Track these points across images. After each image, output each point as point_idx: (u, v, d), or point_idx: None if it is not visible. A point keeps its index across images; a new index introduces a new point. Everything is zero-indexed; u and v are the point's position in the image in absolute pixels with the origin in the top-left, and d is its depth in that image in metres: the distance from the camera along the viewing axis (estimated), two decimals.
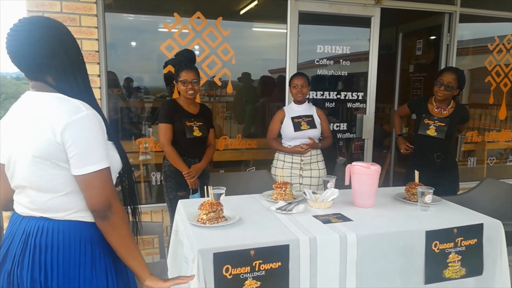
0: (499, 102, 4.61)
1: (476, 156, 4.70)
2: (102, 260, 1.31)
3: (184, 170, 2.82)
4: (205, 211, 1.92)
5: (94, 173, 1.22)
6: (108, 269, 1.33)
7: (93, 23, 3.05)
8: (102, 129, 1.27)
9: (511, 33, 4.47)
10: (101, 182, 1.24)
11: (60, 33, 1.28)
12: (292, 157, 3.11)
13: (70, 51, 1.30)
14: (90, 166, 1.22)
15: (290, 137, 3.12)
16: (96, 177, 1.23)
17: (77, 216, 1.29)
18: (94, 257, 1.29)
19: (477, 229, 2.03)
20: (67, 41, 1.30)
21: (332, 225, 1.95)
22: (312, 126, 3.12)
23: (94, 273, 1.29)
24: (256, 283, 1.68)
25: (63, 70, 1.28)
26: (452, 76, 2.95)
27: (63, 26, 1.31)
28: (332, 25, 4.08)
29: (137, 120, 3.77)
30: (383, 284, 1.89)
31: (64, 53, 1.27)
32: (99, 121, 1.27)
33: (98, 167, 1.23)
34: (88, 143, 1.21)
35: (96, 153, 1.23)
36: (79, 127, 1.20)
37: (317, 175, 3.12)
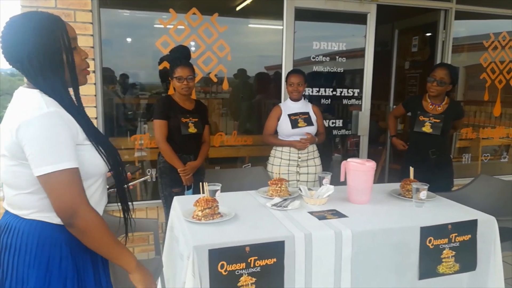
0: (494, 99, 4.63)
1: (470, 153, 4.72)
2: (62, 265, 1.25)
3: (179, 167, 2.82)
4: (200, 207, 1.91)
5: (51, 174, 1.15)
6: (69, 275, 1.26)
7: (88, 19, 3.03)
8: (69, 129, 1.20)
9: (506, 30, 4.48)
10: (59, 185, 1.16)
11: (23, 35, 1.21)
12: (290, 154, 3.11)
13: (33, 53, 1.21)
14: (46, 167, 1.15)
15: (287, 134, 3.12)
16: (53, 179, 1.16)
17: (39, 216, 1.25)
18: (52, 261, 1.24)
19: (471, 225, 2.04)
20: (29, 43, 1.21)
21: (328, 222, 1.95)
22: (309, 123, 3.12)
23: (49, 277, 1.23)
24: (251, 279, 1.68)
25: (29, 71, 1.23)
26: (444, 72, 2.98)
27: (34, 24, 1.23)
28: (328, 21, 4.08)
29: (132, 116, 3.76)
30: (377, 280, 1.90)
31: (26, 56, 1.21)
32: (63, 120, 1.19)
33: (55, 168, 1.15)
34: (43, 143, 1.14)
35: (54, 154, 1.15)
36: (34, 126, 1.15)
37: (314, 171, 3.14)
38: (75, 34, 1.32)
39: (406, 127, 4.72)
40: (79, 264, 1.29)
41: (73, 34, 1.31)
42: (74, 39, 1.31)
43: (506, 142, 4.89)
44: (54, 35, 1.24)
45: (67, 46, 1.26)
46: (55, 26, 1.25)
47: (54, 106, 1.20)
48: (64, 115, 1.21)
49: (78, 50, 1.33)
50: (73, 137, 1.21)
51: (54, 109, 1.18)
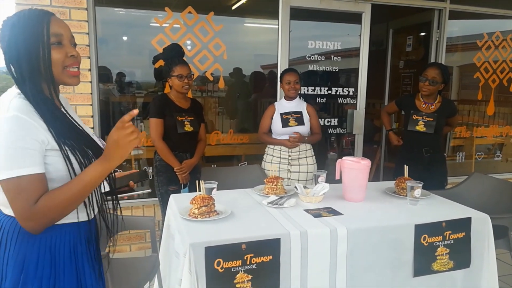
0: (487, 98, 4.67)
1: (464, 151, 4.76)
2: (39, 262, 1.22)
3: (176, 165, 2.83)
4: (196, 205, 1.92)
5: (2, 182, 1.13)
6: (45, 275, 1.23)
7: (83, 17, 3.03)
8: (27, 135, 1.13)
9: (500, 30, 4.52)
10: (9, 193, 1.14)
11: (18, 29, 1.20)
12: (280, 152, 3.14)
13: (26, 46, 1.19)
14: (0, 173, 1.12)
15: (278, 132, 3.15)
16: (4, 187, 1.14)
17: None
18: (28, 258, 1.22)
19: (465, 223, 2.06)
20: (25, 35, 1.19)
21: (323, 219, 1.97)
22: (300, 122, 3.13)
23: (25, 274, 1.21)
24: (247, 276, 1.69)
25: (19, 68, 1.21)
26: (436, 71, 3.02)
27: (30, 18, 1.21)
28: (323, 21, 4.10)
29: None
30: (372, 277, 1.92)
31: (6, 55, 1.21)
32: (25, 126, 1.13)
33: (3, 176, 1.12)
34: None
35: (4, 160, 1.11)
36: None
37: (305, 170, 3.14)
38: (61, 30, 1.25)
39: (401, 125, 4.75)
40: (58, 264, 1.25)
41: (58, 30, 1.24)
42: (58, 35, 1.23)
43: (500, 140, 4.93)
44: (30, 30, 1.20)
45: (45, 41, 1.20)
46: (33, 21, 1.21)
47: (16, 110, 1.14)
48: (26, 119, 1.14)
49: (65, 46, 1.25)
50: (37, 143, 1.15)
51: (14, 114, 1.13)
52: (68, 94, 2.99)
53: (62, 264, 1.26)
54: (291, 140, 3.05)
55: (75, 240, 1.29)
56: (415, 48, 5.00)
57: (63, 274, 1.26)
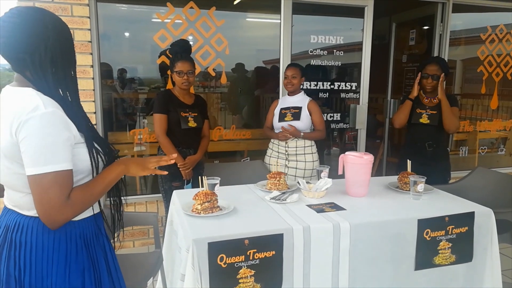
0: (491, 92, 4.65)
1: (467, 146, 4.74)
2: (79, 258, 1.29)
3: (179, 161, 2.83)
4: (199, 201, 1.93)
5: (36, 176, 1.14)
6: (86, 268, 1.30)
7: (85, 13, 3.03)
8: (64, 130, 1.18)
9: (504, 23, 4.49)
10: (40, 188, 1.15)
11: (44, 28, 1.21)
12: (278, 147, 3.15)
13: (52, 48, 1.22)
14: (32, 168, 1.14)
15: (275, 127, 3.19)
16: (36, 181, 1.15)
17: None
18: (69, 255, 1.27)
19: (469, 217, 2.06)
20: (50, 37, 1.22)
21: (326, 214, 1.97)
22: (296, 118, 3.10)
23: (68, 271, 1.27)
24: (250, 272, 1.70)
25: (40, 66, 1.22)
26: (435, 68, 3.05)
27: (53, 19, 1.25)
28: (325, 15, 4.08)
29: (131, 111, 3.76)
30: (375, 271, 1.92)
31: (44, 49, 1.21)
32: (60, 121, 1.18)
33: (39, 170, 1.14)
34: (35, 144, 1.13)
35: (41, 156, 1.14)
36: (30, 125, 1.13)
37: (303, 167, 3.11)
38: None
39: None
40: (93, 255, 1.34)
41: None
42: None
43: (503, 135, 4.91)
44: (68, 34, 1.29)
45: (73, 47, 1.32)
46: (66, 26, 1.30)
47: (52, 106, 1.18)
48: (62, 115, 1.19)
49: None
50: (69, 138, 1.20)
51: (52, 109, 1.17)
52: None
53: (95, 255, 1.35)
54: (280, 133, 3.07)
55: (98, 231, 1.39)
56: (418, 42, 4.97)
57: (97, 264, 1.35)
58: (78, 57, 1.39)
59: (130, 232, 3.50)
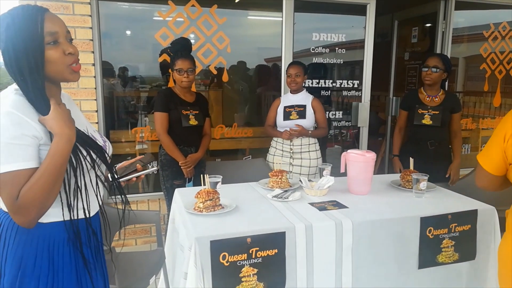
0: (493, 89, 4.63)
1: (470, 143, 4.73)
2: (36, 262, 1.23)
3: (180, 159, 2.83)
4: (201, 199, 1.93)
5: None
6: (42, 275, 1.24)
7: (86, 11, 3.02)
8: (20, 130, 1.15)
9: (507, 20, 4.46)
10: (2, 186, 1.14)
11: (12, 27, 1.18)
12: (283, 145, 3.14)
13: (6, 50, 1.19)
14: None
15: (280, 125, 3.17)
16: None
17: None
18: (26, 259, 1.22)
19: (471, 215, 2.05)
20: (19, 35, 1.18)
21: (328, 212, 1.97)
22: (302, 116, 3.12)
23: (22, 275, 1.22)
24: (253, 270, 1.70)
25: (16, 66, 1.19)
26: (436, 59, 3.02)
27: (8, 21, 1.19)
28: (327, 13, 4.06)
29: (133, 109, 3.76)
30: (378, 270, 1.92)
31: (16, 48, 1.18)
32: (16, 121, 1.15)
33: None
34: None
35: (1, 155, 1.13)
36: None
37: (308, 164, 3.12)
38: (56, 28, 1.23)
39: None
40: (57, 262, 1.26)
41: (53, 28, 1.22)
42: (53, 33, 1.22)
43: None
44: (27, 31, 1.18)
45: (38, 41, 1.19)
46: (27, 21, 1.19)
47: (9, 107, 1.16)
48: (16, 115, 1.15)
49: (61, 44, 1.23)
50: (29, 138, 1.16)
51: (8, 110, 1.15)
52: (73, 89, 2.99)
53: (61, 262, 1.26)
54: (288, 133, 3.05)
55: (71, 236, 1.28)
56: (420, 39, 4.95)
57: (62, 272, 1.26)
58: (80, 56, 1.36)
59: (132, 230, 3.50)
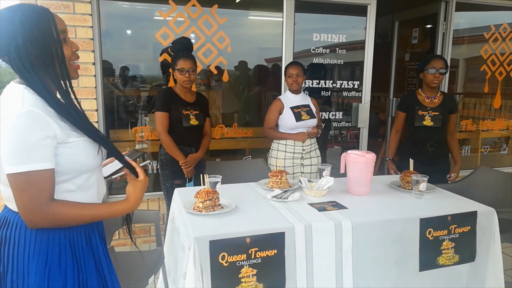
0: (494, 91, 4.63)
1: (470, 145, 4.73)
2: (61, 258, 1.25)
3: (181, 159, 2.83)
4: (201, 199, 1.92)
5: (10, 175, 1.14)
6: (69, 271, 1.26)
7: (87, 10, 3.02)
8: (40, 129, 1.15)
9: (507, 22, 4.46)
10: (16, 188, 1.15)
11: (12, 26, 1.18)
12: (294, 147, 3.09)
13: (22, 46, 1.18)
14: (7, 167, 1.14)
15: (291, 127, 3.09)
16: (12, 181, 1.15)
17: None
18: (50, 255, 1.24)
19: (471, 217, 2.05)
20: (18, 35, 1.18)
21: (327, 213, 1.96)
22: (312, 116, 3.13)
23: (48, 271, 1.23)
24: (252, 271, 1.69)
25: (21, 65, 1.20)
26: (441, 62, 3.02)
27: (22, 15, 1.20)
28: (328, 13, 4.06)
29: (133, 108, 3.75)
30: (379, 272, 1.91)
31: (14, 49, 1.18)
32: (37, 120, 1.15)
33: (12, 170, 1.14)
34: (8, 143, 1.13)
35: (15, 155, 1.13)
36: (7, 125, 1.13)
37: (316, 162, 3.17)
38: (64, 26, 1.29)
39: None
40: (79, 256, 1.30)
41: (62, 27, 1.27)
42: (64, 31, 1.27)
43: (506, 134, 4.89)
44: (42, 27, 1.21)
45: (56, 38, 1.23)
46: (42, 18, 1.22)
47: (30, 105, 1.15)
48: (38, 114, 1.15)
49: (68, 42, 1.30)
50: (47, 138, 1.16)
51: (28, 108, 1.14)
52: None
53: (82, 257, 1.31)
54: (305, 135, 3.05)
55: (90, 233, 1.35)
56: (421, 40, 4.95)
57: (84, 266, 1.31)
58: (80, 55, 1.37)
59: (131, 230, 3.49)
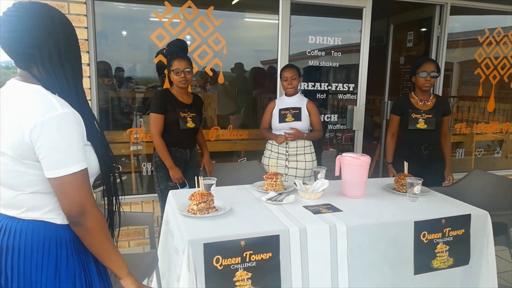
0: (488, 95, 4.66)
1: (464, 148, 4.75)
2: (69, 263, 1.24)
3: (168, 164, 2.80)
4: (195, 201, 1.92)
5: (66, 176, 1.14)
6: (77, 273, 1.26)
7: (82, 11, 3.01)
8: (80, 129, 1.18)
9: (501, 26, 4.50)
10: (73, 186, 1.16)
11: (51, 22, 1.18)
12: (278, 148, 3.13)
13: (62, 42, 1.19)
14: (61, 169, 1.13)
15: (275, 128, 3.16)
16: (68, 181, 1.15)
17: (43, 217, 1.22)
18: (59, 260, 1.23)
19: (465, 220, 2.06)
20: (59, 31, 1.19)
21: (322, 216, 1.96)
22: (297, 118, 3.11)
23: (58, 276, 1.22)
24: (247, 274, 1.68)
25: (49, 62, 1.18)
26: (433, 65, 3.05)
27: (59, 14, 1.22)
28: (324, 16, 4.07)
29: (128, 110, 3.74)
30: (374, 275, 1.91)
31: (53, 44, 1.17)
32: (76, 121, 1.18)
33: (70, 170, 1.14)
34: (59, 145, 1.13)
35: (69, 155, 1.14)
36: (50, 127, 1.12)
37: (303, 167, 3.11)
38: None
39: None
40: (83, 260, 1.29)
41: None
42: None
43: (500, 137, 4.92)
44: (70, 28, 1.25)
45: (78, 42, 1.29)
46: (64, 19, 1.24)
47: (66, 107, 1.17)
48: (76, 113, 1.19)
49: None
50: (82, 138, 1.20)
51: (68, 110, 1.16)
52: None
53: (85, 259, 1.30)
54: (282, 137, 3.03)
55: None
56: (415, 44, 4.98)
57: (88, 269, 1.30)
58: None
59: (125, 232, 3.48)
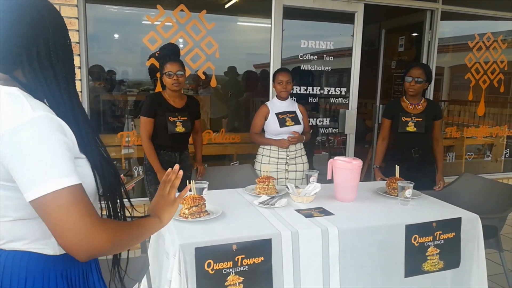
0: (478, 99, 4.71)
1: (454, 152, 4.79)
2: None
3: (156, 168, 2.79)
4: (187, 205, 1.91)
5: (45, 196, 0.86)
6: None
7: (73, 14, 2.99)
8: (61, 137, 0.92)
9: (491, 31, 4.55)
10: (59, 209, 0.87)
11: (41, 18, 0.99)
12: (278, 153, 3.11)
13: (51, 38, 0.99)
14: (37, 188, 0.86)
15: (275, 133, 3.11)
16: (50, 202, 0.86)
17: (27, 247, 0.99)
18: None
19: (456, 223, 2.07)
20: (47, 26, 0.99)
21: (314, 219, 1.96)
22: (297, 122, 3.13)
23: None
24: (239, 279, 1.68)
25: (38, 62, 0.98)
26: (419, 71, 3.06)
27: (50, 9, 1.03)
28: (316, 20, 4.09)
29: (119, 113, 3.72)
30: (365, 278, 1.91)
31: (42, 41, 0.98)
32: (56, 127, 0.91)
33: (49, 188, 0.86)
34: (31, 157, 0.86)
35: (47, 170, 0.86)
36: (18, 136, 0.87)
37: (302, 169, 3.15)
38: None
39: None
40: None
41: None
42: None
43: (490, 141, 4.97)
44: (62, 25, 1.05)
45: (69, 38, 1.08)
46: (56, 14, 1.04)
47: (42, 110, 0.92)
48: (55, 118, 0.93)
49: None
50: (69, 148, 0.93)
51: (42, 114, 0.90)
52: None
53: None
54: (291, 140, 3.04)
55: (87, 271, 1.14)
56: (407, 48, 5.02)
57: None
58: None
59: None
